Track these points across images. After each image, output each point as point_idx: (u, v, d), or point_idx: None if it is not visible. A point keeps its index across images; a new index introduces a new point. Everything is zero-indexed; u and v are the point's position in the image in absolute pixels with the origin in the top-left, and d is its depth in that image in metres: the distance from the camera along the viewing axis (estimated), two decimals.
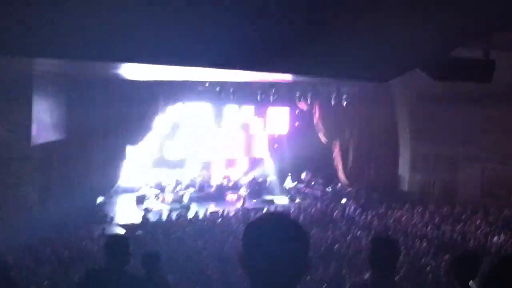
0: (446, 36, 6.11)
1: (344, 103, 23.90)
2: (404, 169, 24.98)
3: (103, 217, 19.81)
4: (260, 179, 27.23)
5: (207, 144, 27.18)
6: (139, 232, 17.41)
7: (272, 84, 22.58)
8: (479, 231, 17.71)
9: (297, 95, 23.71)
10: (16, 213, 17.70)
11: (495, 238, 16.70)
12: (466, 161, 23.05)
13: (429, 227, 18.11)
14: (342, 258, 14.39)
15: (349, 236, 16.79)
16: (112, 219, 20.06)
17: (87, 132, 20.53)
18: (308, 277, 10.34)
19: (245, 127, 28.37)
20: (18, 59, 11.87)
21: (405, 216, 20.11)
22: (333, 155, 26.42)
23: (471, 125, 21.85)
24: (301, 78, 17.67)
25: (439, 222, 18.93)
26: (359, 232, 17.51)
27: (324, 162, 27.02)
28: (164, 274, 6.82)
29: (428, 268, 13.29)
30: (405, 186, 24.61)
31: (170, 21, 5.63)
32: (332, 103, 23.93)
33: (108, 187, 22.04)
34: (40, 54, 8.38)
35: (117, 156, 22.06)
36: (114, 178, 22.39)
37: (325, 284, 11.47)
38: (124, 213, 21.76)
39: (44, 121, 17.42)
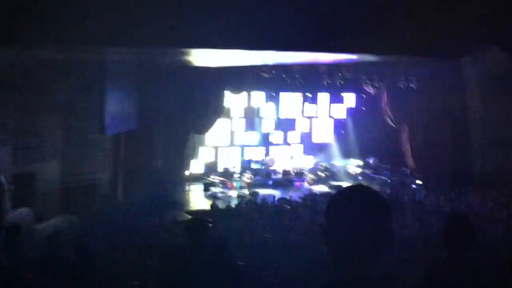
0: None
1: (413, 87, 23.45)
2: (474, 154, 24.16)
3: (172, 204, 20.06)
4: (326, 165, 27.05)
5: (273, 130, 27.21)
6: (208, 219, 17.57)
7: (338, 69, 22.35)
8: None
9: (364, 78, 23.38)
10: (90, 200, 18.27)
11: None
12: None
13: (503, 212, 17.51)
14: (412, 243, 14.11)
15: (419, 222, 16.45)
16: (181, 206, 20.30)
17: (156, 120, 20.94)
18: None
19: (310, 112, 28.15)
20: (89, 49, 12.17)
21: (477, 201, 19.54)
22: (402, 140, 25.92)
23: None
24: (368, 58, 17.32)
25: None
26: (429, 217, 17.12)
27: (391, 147, 26.59)
28: (233, 260, 6.84)
29: (502, 253, 12.87)
30: (475, 171, 23.80)
31: (228, 6, 5.67)
32: (401, 86, 23.50)
33: (177, 174, 22.36)
34: (111, 43, 8.58)
35: (185, 143, 22.37)
36: (182, 165, 22.71)
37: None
38: (193, 200, 22.07)
39: (115, 110, 17.82)
